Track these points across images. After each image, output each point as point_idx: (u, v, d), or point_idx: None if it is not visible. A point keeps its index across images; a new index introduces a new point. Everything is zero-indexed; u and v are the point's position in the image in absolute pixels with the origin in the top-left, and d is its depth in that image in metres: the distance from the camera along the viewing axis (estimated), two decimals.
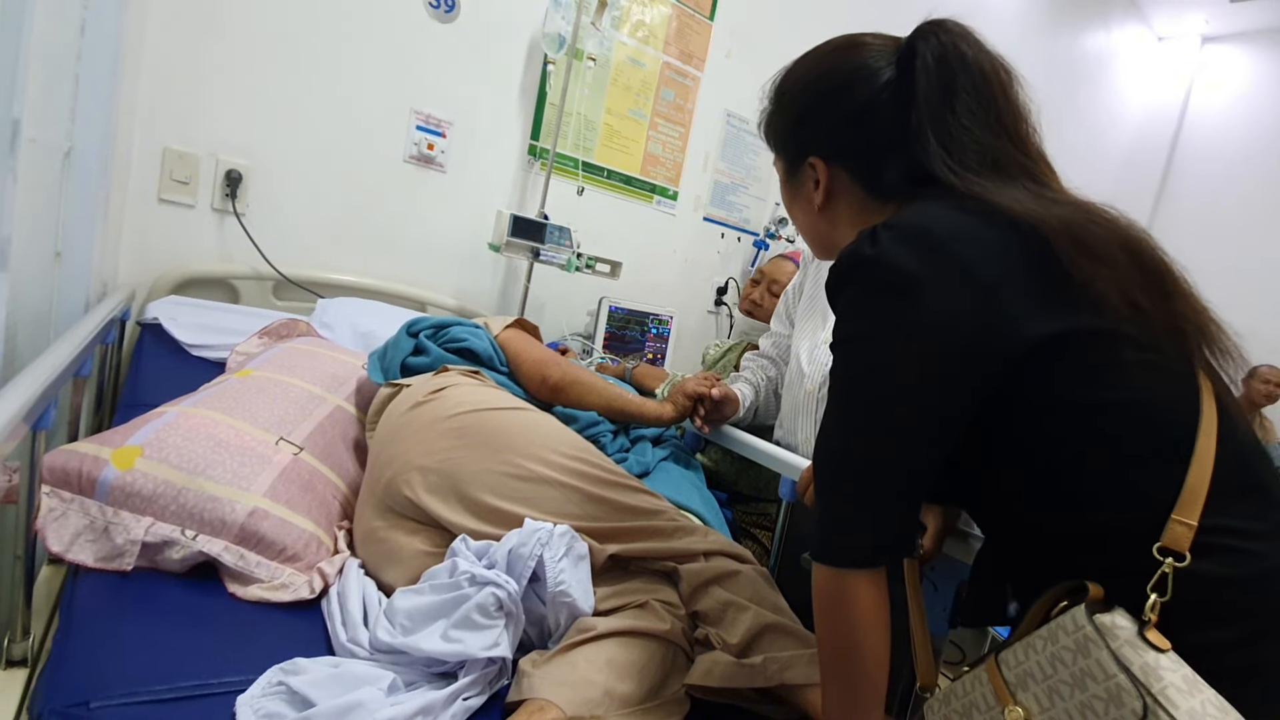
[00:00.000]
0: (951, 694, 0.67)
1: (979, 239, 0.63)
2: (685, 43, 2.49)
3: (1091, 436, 0.61)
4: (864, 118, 0.74)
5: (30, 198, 1.01)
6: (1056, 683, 0.57)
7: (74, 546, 0.81)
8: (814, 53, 0.81)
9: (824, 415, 0.69)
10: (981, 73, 0.70)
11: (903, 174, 0.72)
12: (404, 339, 1.25)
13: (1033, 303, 0.61)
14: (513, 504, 0.92)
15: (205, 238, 1.76)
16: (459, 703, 0.73)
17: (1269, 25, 4.15)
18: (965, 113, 0.69)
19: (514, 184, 2.23)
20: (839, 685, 0.69)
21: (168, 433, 0.92)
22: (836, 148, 0.77)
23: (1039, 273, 0.61)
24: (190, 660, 0.72)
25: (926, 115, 0.70)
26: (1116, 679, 0.53)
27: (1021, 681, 0.60)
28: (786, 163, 0.84)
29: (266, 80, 1.76)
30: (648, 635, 0.84)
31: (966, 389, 0.63)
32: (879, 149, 0.74)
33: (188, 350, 1.52)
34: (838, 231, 0.79)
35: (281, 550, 0.88)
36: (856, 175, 0.76)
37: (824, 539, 0.68)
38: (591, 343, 2.33)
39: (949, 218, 0.65)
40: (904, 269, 0.62)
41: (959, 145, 0.68)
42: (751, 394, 1.43)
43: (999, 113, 0.70)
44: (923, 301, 0.62)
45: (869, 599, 0.65)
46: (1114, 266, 0.61)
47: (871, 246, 0.64)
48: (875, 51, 0.75)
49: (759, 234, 2.86)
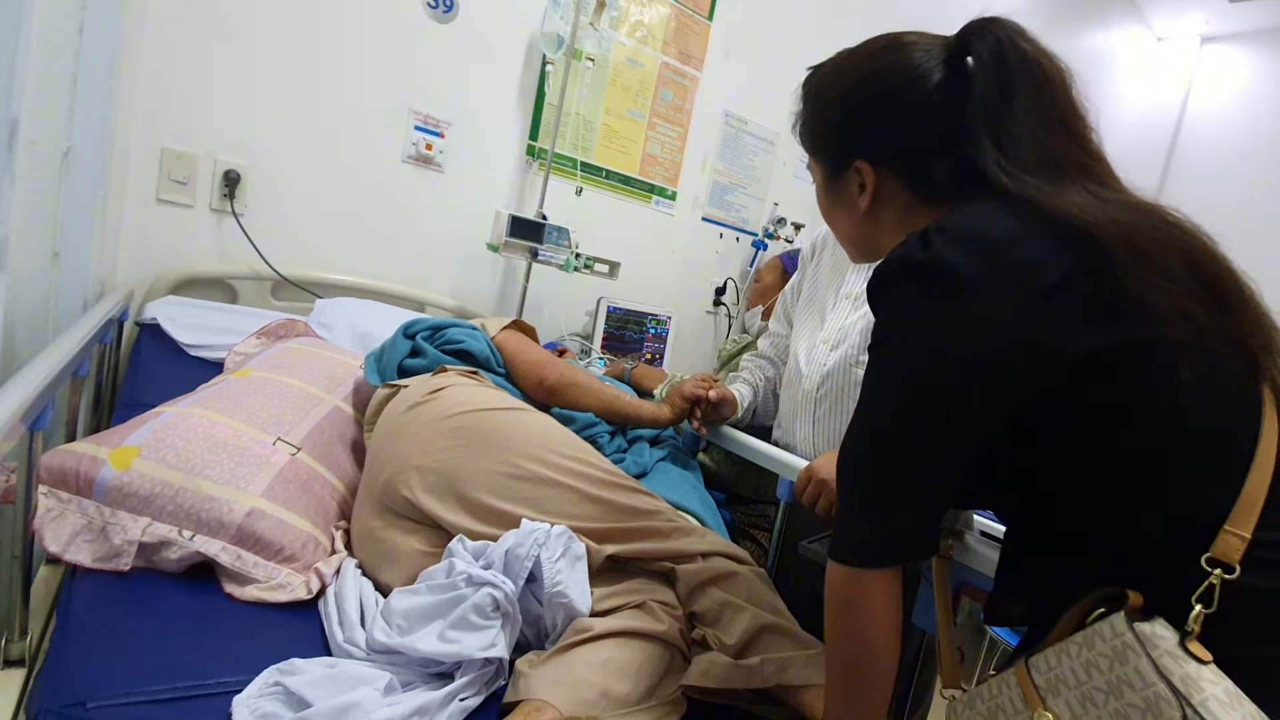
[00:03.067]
0: (977, 697, 0.66)
1: (1033, 245, 0.61)
2: (684, 43, 2.49)
3: (1141, 444, 0.60)
4: (914, 119, 0.72)
5: (28, 198, 1.01)
6: (1090, 689, 0.56)
7: (71, 546, 0.81)
8: (856, 53, 0.78)
9: (855, 413, 0.68)
10: (1041, 70, 0.68)
11: (953, 175, 0.70)
12: (401, 341, 1.25)
13: (1085, 311, 0.60)
14: (510, 504, 0.92)
15: (203, 238, 1.76)
16: (455, 703, 0.73)
17: (1269, 25, 4.14)
18: (1024, 111, 0.67)
19: (512, 184, 2.23)
20: (845, 686, 0.68)
21: (165, 433, 0.92)
22: (885, 151, 0.75)
23: (1092, 281, 0.60)
24: (187, 660, 0.72)
25: (983, 114, 0.67)
26: (1155, 687, 0.52)
27: (1053, 687, 0.59)
28: (828, 167, 0.81)
29: (264, 80, 1.76)
30: (645, 636, 0.84)
31: (1009, 395, 0.62)
32: (929, 151, 0.72)
33: (185, 350, 1.52)
34: (883, 235, 0.78)
35: (279, 550, 0.89)
36: (905, 178, 0.74)
37: (844, 538, 0.67)
38: (590, 343, 2.33)
39: (1003, 222, 0.63)
40: (957, 273, 0.61)
41: (1017, 145, 0.66)
42: (750, 395, 1.43)
43: (1060, 111, 0.68)
44: (974, 306, 0.60)
45: (884, 601, 0.65)
46: (1170, 277, 0.59)
47: (924, 250, 0.62)
48: (922, 51, 0.72)
49: (757, 234, 2.86)
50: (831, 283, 1.31)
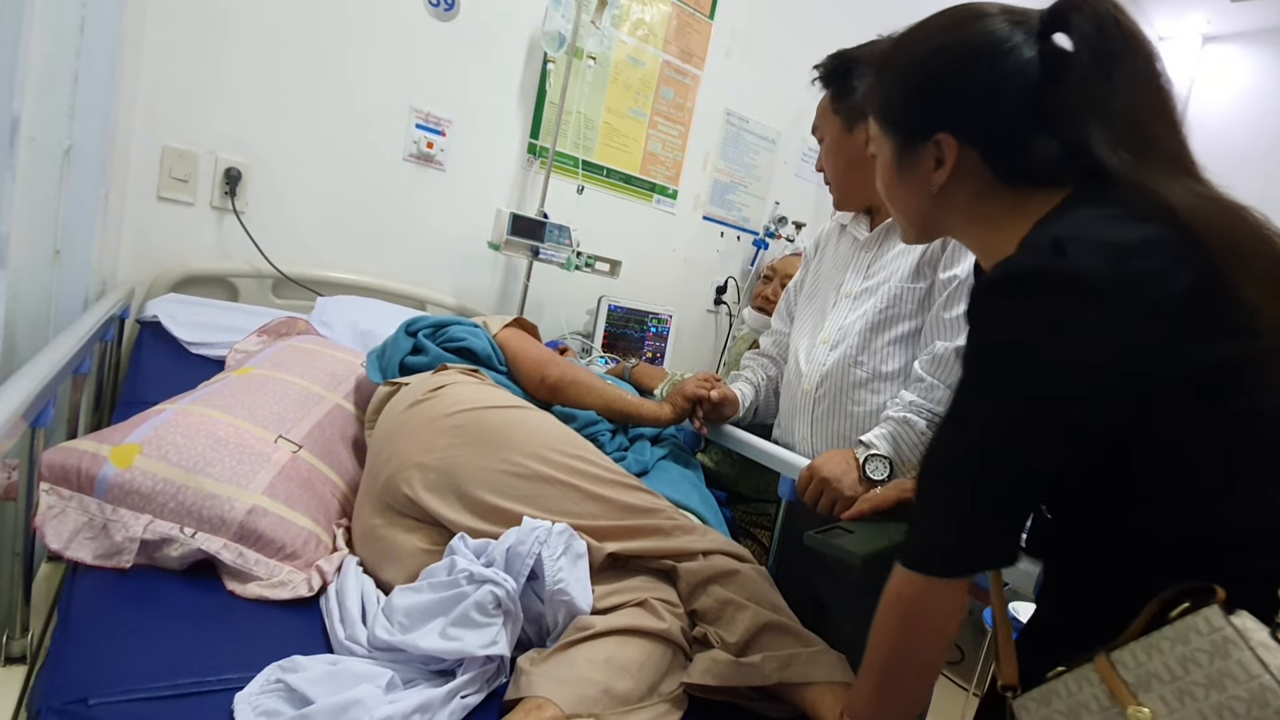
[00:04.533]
0: (1052, 694, 0.65)
1: (1156, 254, 0.59)
2: (685, 41, 2.49)
3: (1257, 446, 0.60)
4: (1003, 92, 0.68)
5: (30, 195, 1.01)
6: (1189, 684, 0.56)
7: (73, 544, 0.81)
8: (932, 22, 0.73)
9: (946, 421, 0.66)
10: (1143, 50, 0.64)
11: (1050, 157, 0.67)
12: (402, 338, 1.25)
13: (1206, 322, 0.59)
14: (511, 502, 0.92)
15: (204, 236, 1.76)
16: (457, 700, 0.73)
17: (1270, 25, 4.14)
18: (1127, 93, 0.64)
19: (513, 182, 2.23)
20: (881, 689, 0.67)
21: (166, 430, 0.92)
22: (970, 124, 0.70)
23: (1211, 291, 0.59)
24: (189, 658, 0.72)
25: (1086, 94, 0.64)
26: (1261, 679, 0.52)
27: (1144, 683, 0.58)
28: (899, 140, 0.75)
29: (266, 78, 1.76)
30: (646, 634, 0.84)
31: (1123, 405, 0.60)
32: (1024, 128, 0.68)
33: (187, 348, 1.52)
34: (948, 217, 0.75)
35: (280, 548, 0.89)
36: (988, 156, 0.70)
37: (924, 545, 0.66)
38: (591, 341, 2.33)
39: (1126, 228, 0.61)
40: (1093, 283, 0.58)
41: (1122, 128, 0.63)
42: (752, 393, 1.43)
43: (1160, 94, 0.65)
44: (1101, 318, 0.59)
45: (950, 612, 0.64)
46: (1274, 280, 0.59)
47: (1057, 257, 0.59)
48: (1006, 22, 0.68)
49: (758, 233, 2.86)
50: (833, 281, 1.31)
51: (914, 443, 1.05)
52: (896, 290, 1.17)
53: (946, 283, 1.10)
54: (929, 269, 1.14)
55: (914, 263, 1.16)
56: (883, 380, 1.17)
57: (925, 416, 1.04)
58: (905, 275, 1.17)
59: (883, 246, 1.24)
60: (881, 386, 1.17)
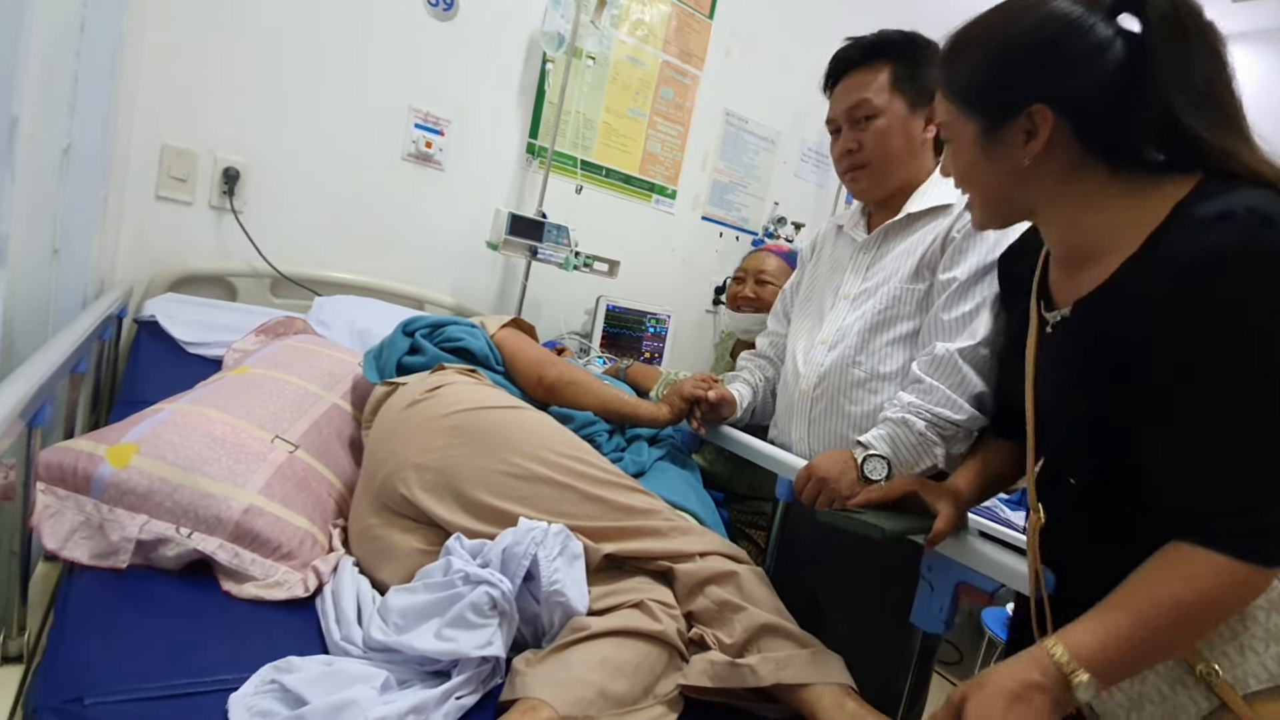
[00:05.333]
0: (1144, 699, 0.69)
1: None
2: (685, 41, 2.49)
3: None
4: (1094, 65, 0.68)
5: (29, 194, 1.01)
6: (1249, 639, 0.63)
7: (69, 543, 0.81)
8: (1006, 7, 0.74)
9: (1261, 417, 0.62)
10: (1209, 26, 0.66)
11: (1145, 130, 0.68)
12: (400, 338, 1.25)
13: None
14: (508, 502, 0.92)
15: (203, 235, 1.77)
16: (452, 701, 0.73)
17: (1272, 25, 4.13)
18: (1201, 66, 0.66)
19: (512, 182, 2.23)
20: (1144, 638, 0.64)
21: (164, 430, 0.92)
22: (1066, 95, 0.70)
23: None
24: (184, 658, 0.72)
25: (1167, 68, 0.65)
26: None
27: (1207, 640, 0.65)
28: (985, 118, 0.75)
29: (265, 78, 1.76)
30: (642, 635, 0.84)
31: None
32: (1113, 100, 0.68)
33: (184, 347, 1.52)
34: (1034, 194, 0.75)
35: (276, 548, 0.89)
36: (1081, 131, 0.70)
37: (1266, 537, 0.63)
38: (589, 341, 2.33)
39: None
40: None
41: (1205, 101, 0.65)
42: (750, 395, 1.43)
43: (1229, 68, 0.66)
44: None
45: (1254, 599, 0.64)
46: None
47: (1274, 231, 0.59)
48: (1083, 4, 0.69)
49: (757, 233, 2.86)
50: (830, 282, 1.30)
51: (911, 444, 1.05)
52: (896, 291, 1.17)
53: (946, 284, 1.10)
54: (928, 271, 1.14)
55: (914, 264, 1.16)
56: (881, 380, 1.17)
57: (923, 418, 1.04)
58: (905, 276, 1.17)
59: (881, 248, 1.24)
60: (879, 386, 1.17)
